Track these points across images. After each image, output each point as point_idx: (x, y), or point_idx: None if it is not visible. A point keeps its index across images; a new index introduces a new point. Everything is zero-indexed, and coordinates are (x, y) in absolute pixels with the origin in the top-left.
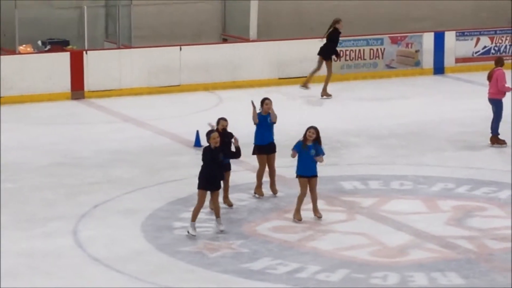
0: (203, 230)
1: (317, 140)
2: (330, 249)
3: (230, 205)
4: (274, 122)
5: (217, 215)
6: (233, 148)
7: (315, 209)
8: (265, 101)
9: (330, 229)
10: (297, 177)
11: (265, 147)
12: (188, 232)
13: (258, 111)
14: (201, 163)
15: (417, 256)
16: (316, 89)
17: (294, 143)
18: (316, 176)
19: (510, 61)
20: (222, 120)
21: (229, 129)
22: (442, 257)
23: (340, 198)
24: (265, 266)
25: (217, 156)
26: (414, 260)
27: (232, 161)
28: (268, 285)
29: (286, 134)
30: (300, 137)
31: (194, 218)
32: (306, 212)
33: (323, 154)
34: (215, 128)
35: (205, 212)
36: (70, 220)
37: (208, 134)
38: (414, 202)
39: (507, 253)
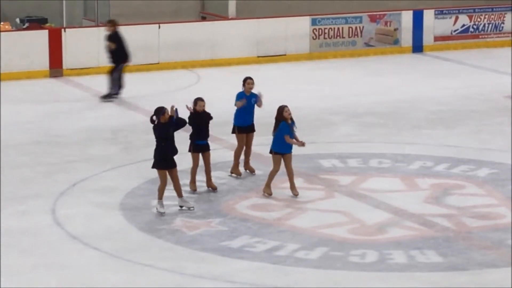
0: (183, 209)
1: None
2: (308, 227)
3: (214, 188)
4: (259, 106)
5: (179, 195)
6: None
7: (292, 186)
8: (247, 80)
9: (309, 207)
10: (270, 152)
11: (245, 127)
12: (156, 209)
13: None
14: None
15: (395, 234)
16: (288, 68)
17: (272, 121)
18: (290, 152)
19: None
20: (199, 101)
21: (207, 107)
22: (420, 235)
23: (318, 176)
24: (243, 244)
25: (168, 131)
26: (393, 238)
27: (209, 139)
28: (247, 263)
29: (264, 112)
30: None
31: (160, 196)
32: (284, 190)
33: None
34: (191, 110)
35: (183, 191)
36: (48, 198)
37: (160, 111)
38: (393, 180)
39: (485, 231)
